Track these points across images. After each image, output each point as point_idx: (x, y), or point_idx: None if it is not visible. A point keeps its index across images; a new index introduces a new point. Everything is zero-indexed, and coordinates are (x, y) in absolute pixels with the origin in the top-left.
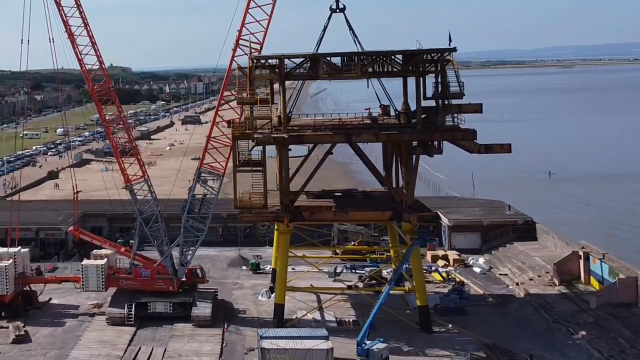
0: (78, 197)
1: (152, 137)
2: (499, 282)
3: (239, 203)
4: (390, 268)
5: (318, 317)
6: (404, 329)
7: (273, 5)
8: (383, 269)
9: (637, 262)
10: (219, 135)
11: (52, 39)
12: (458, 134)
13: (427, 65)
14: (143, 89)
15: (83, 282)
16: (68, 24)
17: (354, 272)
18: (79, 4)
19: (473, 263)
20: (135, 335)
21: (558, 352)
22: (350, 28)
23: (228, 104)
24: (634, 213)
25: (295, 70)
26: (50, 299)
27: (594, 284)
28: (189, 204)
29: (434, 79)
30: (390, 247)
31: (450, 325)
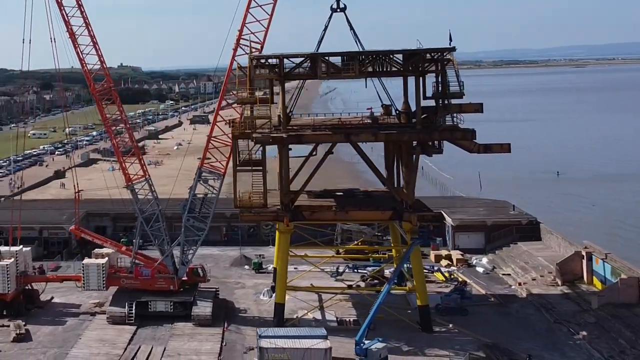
0: (80, 196)
1: (159, 136)
2: (502, 282)
3: (239, 202)
4: (392, 268)
5: (319, 316)
6: (405, 329)
7: (274, 5)
8: (385, 269)
9: (639, 262)
10: (220, 135)
11: (53, 39)
12: (457, 134)
13: (426, 65)
14: (152, 89)
15: (84, 281)
16: (70, 24)
17: (356, 271)
18: (80, 4)
19: (476, 263)
20: (136, 334)
21: (558, 352)
22: (351, 28)
23: (229, 104)
24: (639, 213)
25: (295, 70)
26: (53, 298)
27: (597, 284)
28: (190, 204)
29: (435, 79)
30: (392, 246)
31: (451, 325)
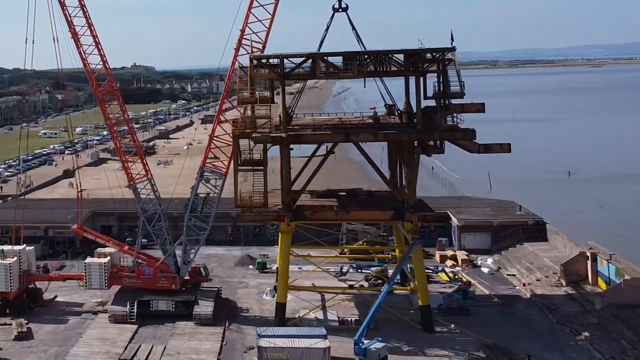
0: (82, 195)
1: (170, 136)
2: (506, 282)
3: (240, 202)
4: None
5: (320, 316)
6: (406, 329)
7: (275, 5)
8: (388, 269)
9: None
10: (222, 135)
11: (56, 39)
12: (457, 134)
13: (426, 65)
14: (164, 88)
15: (86, 279)
16: (72, 24)
17: (360, 271)
18: (83, 4)
19: (481, 263)
20: (137, 333)
21: (559, 352)
22: (353, 27)
23: (231, 103)
24: None
25: (295, 70)
26: (56, 297)
27: (602, 285)
28: (192, 203)
29: (436, 79)
30: (396, 246)
31: (453, 326)
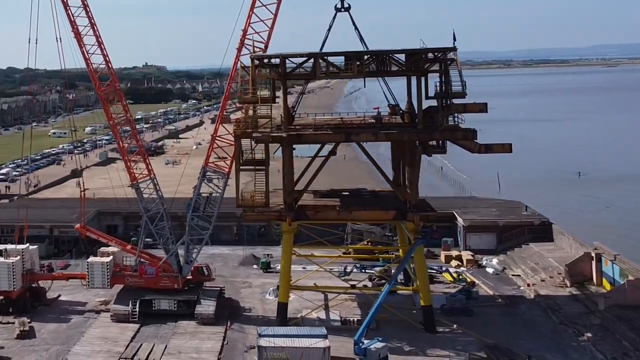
0: (88, 195)
1: (180, 136)
2: (511, 283)
3: (241, 202)
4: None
5: (323, 316)
6: (408, 329)
7: (278, 4)
8: (392, 269)
9: None
10: (224, 134)
11: (59, 39)
12: (458, 134)
13: (427, 65)
14: (175, 88)
15: (89, 279)
16: (75, 24)
17: (364, 271)
18: (86, 4)
19: (486, 264)
20: (139, 332)
21: (561, 353)
22: (356, 27)
23: (234, 103)
24: None
25: (296, 70)
26: (59, 296)
27: (606, 286)
28: (194, 203)
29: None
30: (399, 246)
31: (455, 326)
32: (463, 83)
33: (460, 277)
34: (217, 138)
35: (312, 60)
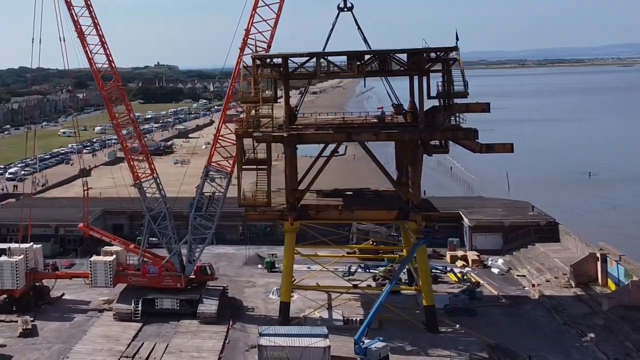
0: (95, 194)
1: (189, 135)
2: (516, 283)
3: (243, 201)
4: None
5: (325, 315)
6: (411, 329)
7: (281, 4)
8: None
9: None
10: (228, 134)
11: (63, 38)
12: (459, 133)
13: (429, 65)
14: (186, 88)
15: (91, 277)
16: (79, 24)
17: (368, 271)
18: (89, 4)
19: (491, 264)
20: (141, 331)
21: (563, 354)
22: (358, 27)
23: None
24: None
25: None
26: (63, 295)
27: (611, 286)
28: (197, 202)
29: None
30: (403, 246)
31: (458, 326)
32: (465, 83)
33: (465, 277)
34: (219, 138)
35: (314, 60)
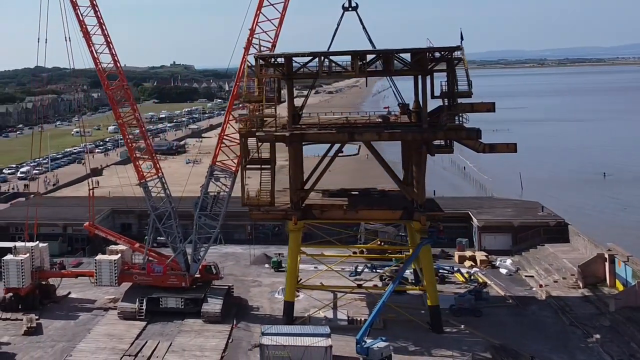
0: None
1: (203, 135)
2: (524, 284)
3: (247, 201)
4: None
5: (330, 315)
6: (416, 329)
7: (285, 3)
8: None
9: None
10: (232, 133)
11: (68, 38)
12: (462, 133)
13: (433, 64)
14: (201, 87)
15: (96, 276)
16: (84, 24)
17: (375, 271)
18: (95, 4)
19: (500, 264)
20: (145, 330)
21: (568, 354)
22: (363, 26)
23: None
24: None
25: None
26: (69, 293)
27: (619, 287)
28: (202, 201)
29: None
30: (409, 246)
31: (463, 326)
32: (469, 82)
33: (472, 277)
34: (224, 137)
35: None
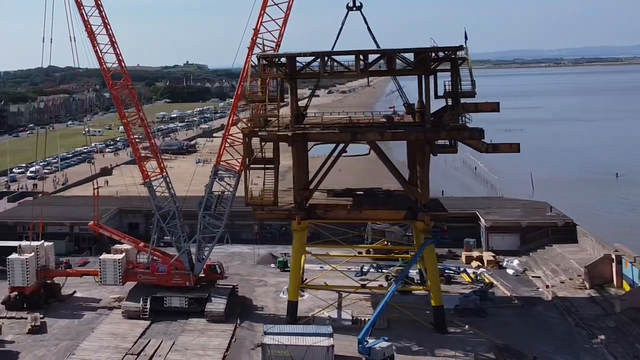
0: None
1: (214, 134)
2: (530, 284)
3: (250, 200)
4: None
5: (334, 315)
6: (420, 329)
7: (290, 3)
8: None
9: None
10: (237, 133)
11: (73, 38)
12: (465, 133)
13: (436, 64)
14: (214, 87)
15: (101, 275)
16: (89, 23)
17: (380, 271)
18: (99, 4)
19: (507, 265)
20: (149, 329)
21: (572, 355)
22: (368, 26)
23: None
24: None
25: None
26: (75, 292)
27: (626, 288)
28: (206, 201)
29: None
30: (415, 246)
31: (467, 327)
32: (473, 82)
33: (478, 277)
34: (229, 137)
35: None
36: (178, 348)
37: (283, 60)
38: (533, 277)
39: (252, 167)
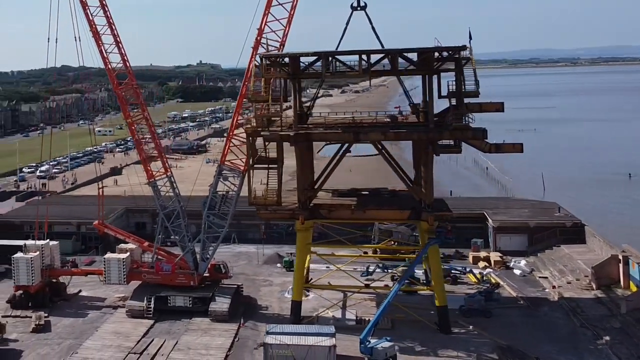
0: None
1: (225, 134)
2: (537, 285)
3: (253, 200)
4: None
5: (339, 315)
6: (424, 329)
7: (294, 2)
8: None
9: None
10: (240, 133)
11: (77, 37)
12: (468, 133)
13: (440, 64)
14: (226, 86)
15: (105, 274)
16: (94, 23)
17: (386, 271)
18: (104, 4)
19: (514, 265)
20: (152, 328)
21: (577, 356)
22: (372, 26)
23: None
24: None
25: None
26: (80, 291)
27: (633, 289)
28: (210, 201)
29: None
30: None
31: (471, 327)
32: (476, 82)
33: (485, 278)
34: (233, 136)
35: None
36: (181, 347)
37: (286, 60)
38: (540, 277)
39: (255, 167)
